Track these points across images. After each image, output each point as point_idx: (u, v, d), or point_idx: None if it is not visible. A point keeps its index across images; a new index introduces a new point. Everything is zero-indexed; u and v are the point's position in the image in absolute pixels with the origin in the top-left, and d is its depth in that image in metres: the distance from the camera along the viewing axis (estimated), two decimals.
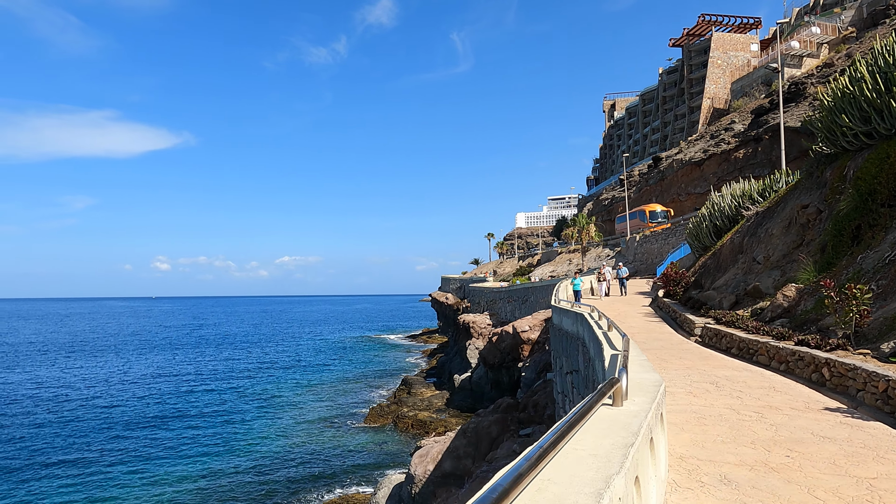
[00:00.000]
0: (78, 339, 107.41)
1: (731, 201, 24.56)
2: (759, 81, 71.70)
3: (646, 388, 3.80)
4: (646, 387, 3.90)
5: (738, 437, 5.93)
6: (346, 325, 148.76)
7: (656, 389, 3.75)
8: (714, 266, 22.29)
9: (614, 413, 2.94)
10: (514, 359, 38.31)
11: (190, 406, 44.31)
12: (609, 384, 2.93)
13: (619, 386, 3.11)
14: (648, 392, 3.64)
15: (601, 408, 2.96)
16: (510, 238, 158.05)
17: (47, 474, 28.69)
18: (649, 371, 4.67)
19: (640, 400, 3.38)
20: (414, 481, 22.85)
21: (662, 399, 3.53)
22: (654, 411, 3.15)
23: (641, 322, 19.09)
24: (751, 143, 56.58)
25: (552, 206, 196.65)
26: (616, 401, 3.14)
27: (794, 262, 15.77)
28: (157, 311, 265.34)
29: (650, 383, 4.01)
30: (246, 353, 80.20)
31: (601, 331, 8.72)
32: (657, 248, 57.22)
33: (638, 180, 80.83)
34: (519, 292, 52.83)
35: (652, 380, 4.17)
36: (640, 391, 3.67)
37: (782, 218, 18.23)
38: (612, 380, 3.09)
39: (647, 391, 3.69)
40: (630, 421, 2.70)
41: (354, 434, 35.94)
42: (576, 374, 12.72)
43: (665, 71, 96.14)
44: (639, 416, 2.82)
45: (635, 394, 3.55)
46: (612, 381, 3.05)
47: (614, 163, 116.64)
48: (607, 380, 4.13)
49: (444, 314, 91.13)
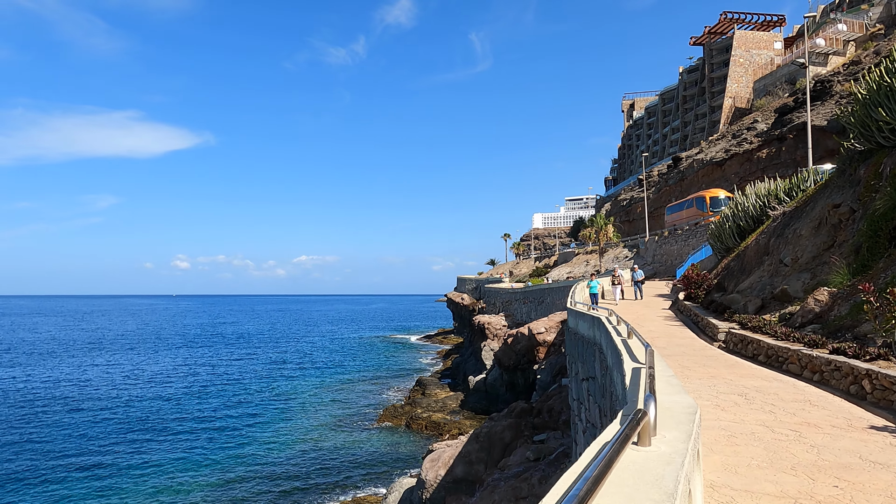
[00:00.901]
0: (97, 336, 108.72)
1: (755, 201, 23.65)
2: (782, 80, 70.04)
3: (677, 418, 3.16)
4: (677, 414, 3.26)
5: (776, 461, 5.27)
6: (362, 324, 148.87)
7: (690, 420, 3.11)
8: (738, 268, 21.42)
9: (641, 459, 2.32)
10: (530, 361, 37.60)
11: (205, 405, 44.27)
12: (634, 421, 2.31)
13: (646, 421, 2.49)
14: (681, 424, 3.01)
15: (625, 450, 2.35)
16: (527, 239, 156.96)
17: (61, 471, 28.67)
18: (679, 392, 4.01)
19: (672, 437, 2.74)
20: (425, 486, 22.32)
21: (698, 434, 2.90)
22: (691, 453, 2.53)
23: (661, 326, 18.33)
24: (774, 142, 55.18)
25: (569, 207, 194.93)
26: (642, 439, 2.52)
27: (825, 265, 14.93)
28: (176, 309, 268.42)
29: (682, 410, 3.36)
30: (262, 353, 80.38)
31: (620, 338, 8.06)
32: (677, 250, 56.06)
33: (657, 180, 79.50)
34: (535, 293, 52.06)
35: (683, 405, 3.51)
36: (672, 423, 3.03)
37: (812, 218, 17.35)
38: (639, 413, 2.46)
39: (680, 422, 3.05)
40: (662, 472, 2.09)
41: (368, 434, 35.58)
42: (592, 381, 12.06)
43: (685, 70, 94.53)
44: (673, 464, 2.21)
45: (665, 426, 2.92)
46: (638, 414, 2.43)
47: (633, 163, 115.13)
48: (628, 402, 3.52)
49: (459, 315, 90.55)
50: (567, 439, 19.37)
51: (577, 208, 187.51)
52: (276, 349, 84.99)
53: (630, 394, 3.91)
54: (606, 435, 2.78)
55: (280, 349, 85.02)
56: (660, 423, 2.89)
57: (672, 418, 3.20)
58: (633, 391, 3.95)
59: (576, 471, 2.01)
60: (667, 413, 3.28)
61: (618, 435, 1.97)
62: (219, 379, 56.58)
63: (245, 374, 59.41)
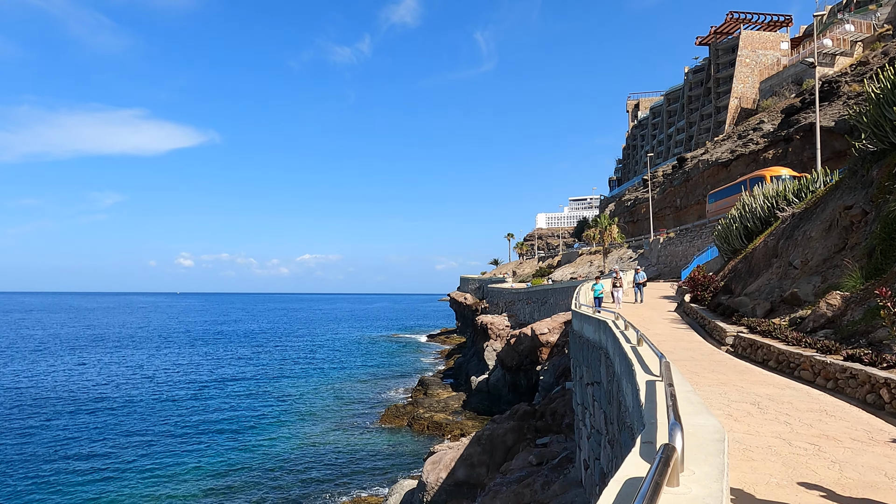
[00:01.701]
0: (101, 333, 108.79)
1: (763, 202, 23.28)
2: (789, 80, 69.52)
3: (705, 448, 2.81)
4: (703, 443, 2.92)
5: (797, 479, 4.96)
6: (365, 323, 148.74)
7: (720, 451, 2.76)
8: (745, 270, 21.08)
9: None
10: (533, 362, 37.30)
11: (207, 403, 44.11)
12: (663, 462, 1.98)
13: (675, 458, 2.17)
14: (711, 456, 2.65)
15: None
16: (530, 239, 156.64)
17: (64, 468, 28.50)
18: (701, 412, 3.65)
19: (703, 473, 2.39)
20: (426, 489, 22.05)
21: (727, 466, 2.58)
22: (726, 495, 2.20)
23: (668, 329, 18.01)
24: (780, 143, 54.74)
25: (573, 207, 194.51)
26: (670, 479, 2.21)
27: (836, 268, 14.60)
28: (180, 307, 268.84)
29: (709, 437, 3.00)
30: (265, 351, 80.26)
31: (629, 345, 7.74)
32: (682, 251, 55.67)
33: (662, 181, 79.07)
34: (538, 294, 51.75)
35: (709, 430, 3.15)
36: (700, 454, 2.68)
37: (822, 220, 17.01)
38: (666, 449, 2.14)
39: (709, 454, 2.70)
40: None
41: (370, 434, 35.35)
42: (597, 386, 11.76)
43: (691, 70, 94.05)
44: None
45: (693, 458, 2.58)
46: (665, 450, 2.11)
47: (637, 163, 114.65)
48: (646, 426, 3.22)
49: (462, 314, 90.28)
50: (570, 443, 19.06)
51: (581, 208, 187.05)
52: (279, 348, 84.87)
53: (647, 414, 3.60)
54: (627, 471, 2.47)
55: (283, 348, 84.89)
56: (686, 453, 2.59)
57: (699, 448, 2.88)
58: (650, 411, 3.64)
59: None
60: (692, 440, 2.96)
61: (647, 486, 1.66)
62: (221, 377, 56.43)
63: (247, 373, 59.26)
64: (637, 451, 2.81)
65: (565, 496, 14.11)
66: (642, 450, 2.81)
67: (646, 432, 3.13)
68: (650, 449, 2.80)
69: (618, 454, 7.54)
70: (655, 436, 3.00)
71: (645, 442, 2.93)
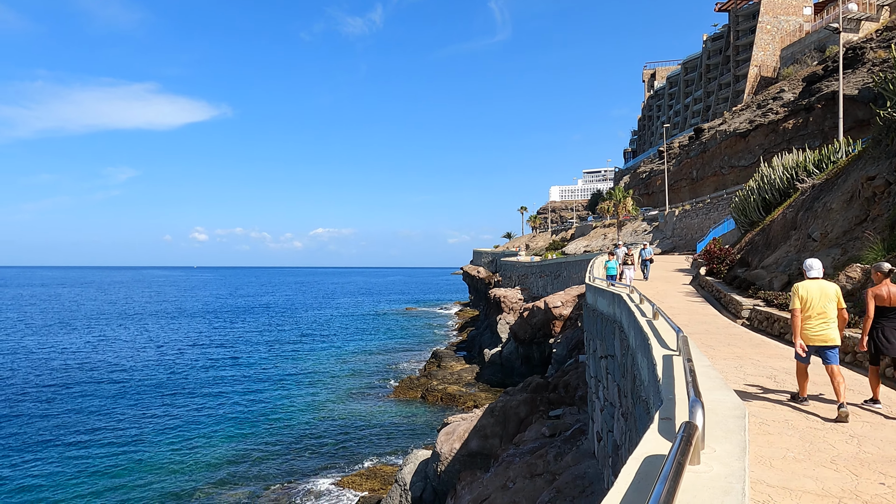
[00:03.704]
0: (118, 307, 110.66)
1: (783, 173, 22.83)
2: (811, 47, 67.59)
3: (725, 424, 2.75)
4: (723, 419, 2.85)
5: (814, 454, 4.91)
6: (378, 297, 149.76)
7: (741, 427, 2.70)
8: (763, 243, 20.78)
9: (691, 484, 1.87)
10: (546, 335, 37.38)
11: (221, 375, 44.89)
12: (685, 440, 1.93)
13: (696, 435, 2.11)
14: (731, 433, 2.59)
15: None
16: (543, 212, 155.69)
17: (82, 440, 29.27)
18: (720, 387, 3.59)
19: (724, 451, 2.34)
20: (440, 459, 22.36)
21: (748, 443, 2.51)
22: (747, 472, 2.15)
23: (683, 302, 17.88)
24: (801, 112, 53.44)
25: (587, 180, 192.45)
26: (691, 455, 2.16)
27: (857, 240, 14.32)
28: (195, 280, 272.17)
29: (728, 413, 2.93)
30: (280, 324, 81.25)
31: (644, 318, 7.66)
32: (697, 223, 55.06)
33: (678, 152, 77.85)
34: (551, 267, 51.61)
35: (728, 406, 3.08)
36: (719, 431, 2.61)
37: (843, 191, 16.64)
38: (688, 427, 2.08)
39: (729, 430, 2.64)
40: None
41: (384, 406, 35.83)
42: (611, 359, 11.73)
43: (709, 38, 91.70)
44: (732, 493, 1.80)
45: (713, 435, 2.52)
46: (687, 429, 2.05)
47: (653, 134, 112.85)
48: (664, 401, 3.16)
49: (475, 288, 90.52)
50: (583, 415, 19.16)
51: (595, 181, 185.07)
52: (294, 321, 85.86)
53: (665, 389, 3.53)
54: (646, 448, 2.43)
55: (297, 321, 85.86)
56: (706, 429, 2.53)
57: (719, 425, 2.82)
58: (667, 386, 3.57)
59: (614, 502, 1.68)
60: (711, 416, 2.90)
61: (669, 466, 1.61)
62: (236, 349, 57.32)
63: (262, 345, 60.11)
64: (655, 427, 2.75)
65: (578, 467, 14.23)
66: (661, 426, 2.76)
67: (664, 408, 3.08)
68: (669, 425, 2.75)
69: (631, 427, 7.54)
70: (674, 412, 2.94)
71: (663, 418, 2.88)
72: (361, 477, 24.37)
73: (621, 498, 1.71)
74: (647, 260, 24.79)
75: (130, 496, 22.72)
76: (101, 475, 24.76)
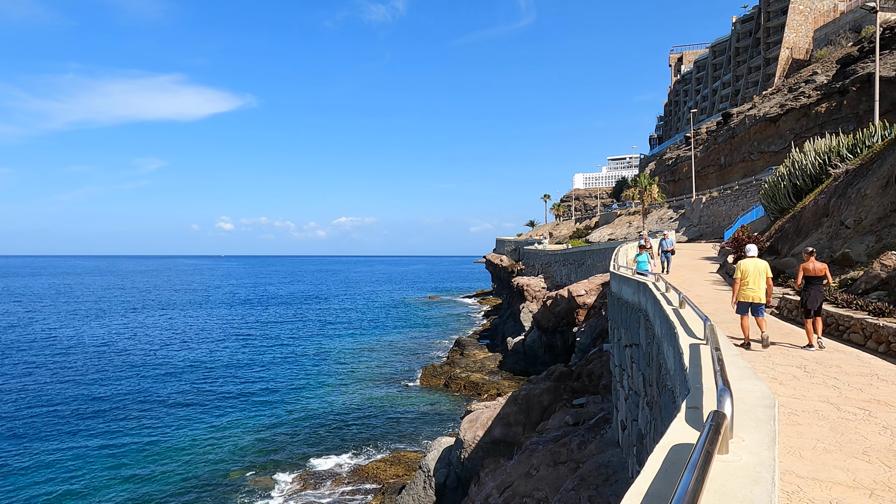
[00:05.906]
0: (149, 296, 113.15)
1: (815, 159, 22.23)
2: (846, 28, 65.47)
3: (754, 413, 2.70)
4: (752, 408, 2.80)
5: (845, 445, 4.82)
6: (402, 285, 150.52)
7: (770, 417, 2.64)
8: (793, 230, 20.33)
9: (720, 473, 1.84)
10: (569, 323, 37.18)
11: (248, 362, 45.69)
12: (713, 429, 1.90)
13: (725, 424, 2.08)
14: (760, 422, 2.54)
15: None
16: (567, 199, 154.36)
17: (107, 425, 30.13)
18: (748, 377, 3.52)
19: (753, 441, 2.31)
20: (463, 446, 22.49)
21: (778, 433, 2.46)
22: (777, 462, 2.11)
23: (710, 290, 17.61)
24: (834, 95, 51.88)
25: (612, 167, 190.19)
26: (719, 444, 2.12)
27: (892, 227, 13.92)
28: (222, 269, 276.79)
29: (757, 402, 2.88)
30: (306, 312, 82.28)
31: (671, 307, 7.55)
32: (725, 211, 54.09)
33: (706, 138, 76.34)
34: (575, 255, 51.22)
35: (757, 395, 3.02)
36: (748, 420, 2.57)
37: (878, 177, 16.16)
38: (716, 416, 2.05)
39: (759, 420, 2.59)
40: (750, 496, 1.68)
41: (408, 393, 36.14)
42: (636, 348, 11.63)
43: (739, 20, 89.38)
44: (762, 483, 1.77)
45: (742, 425, 2.48)
46: (716, 417, 2.03)
47: (679, 120, 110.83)
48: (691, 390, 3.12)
49: (498, 276, 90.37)
50: (607, 404, 19.07)
51: (620, 168, 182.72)
52: (319, 309, 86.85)
53: (692, 378, 3.49)
54: (673, 436, 2.40)
55: (322, 309, 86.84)
56: (735, 419, 2.49)
57: (747, 414, 2.77)
58: (695, 375, 3.52)
59: (641, 489, 1.67)
60: (740, 405, 2.85)
61: (697, 455, 1.59)
62: (263, 336, 58.25)
63: (288, 333, 60.98)
64: (682, 416, 2.72)
65: (602, 456, 14.18)
66: (688, 415, 2.73)
67: (691, 397, 3.04)
68: (696, 415, 2.72)
69: (657, 416, 7.48)
70: (702, 401, 2.91)
71: (690, 407, 2.84)
72: (386, 463, 24.66)
73: (649, 485, 1.70)
74: (668, 251, 23.13)
75: (155, 482, 23.33)
76: (134, 457, 25.49)
